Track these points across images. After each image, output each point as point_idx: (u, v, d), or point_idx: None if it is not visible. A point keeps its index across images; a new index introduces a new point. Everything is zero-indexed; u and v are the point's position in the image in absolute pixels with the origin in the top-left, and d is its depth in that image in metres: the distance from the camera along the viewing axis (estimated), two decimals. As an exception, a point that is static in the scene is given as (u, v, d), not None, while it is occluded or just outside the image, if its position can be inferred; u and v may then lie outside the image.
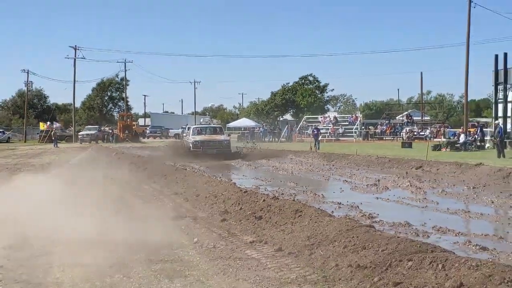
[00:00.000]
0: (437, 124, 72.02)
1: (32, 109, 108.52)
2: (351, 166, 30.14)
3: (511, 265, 7.21)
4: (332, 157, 34.76)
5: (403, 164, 28.91)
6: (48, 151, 49.62)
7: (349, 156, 33.95)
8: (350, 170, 27.89)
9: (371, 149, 40.18)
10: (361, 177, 24.04)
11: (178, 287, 7.42)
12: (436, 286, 6.59)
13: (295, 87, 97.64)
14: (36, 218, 11.65)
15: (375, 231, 9.44)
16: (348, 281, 7.49)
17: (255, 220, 11.83)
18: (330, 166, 30.31)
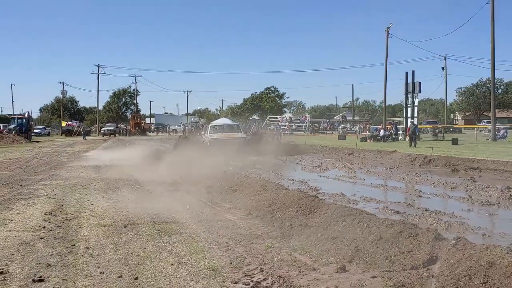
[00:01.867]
0: (364, 122, 72.42)
1: (66, 111, 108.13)
2: (301, 152, 30.18)
3: (416, 224, 7.31)
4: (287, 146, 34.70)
5: (339, 151, 29.03)
6: (78, 142, 49.05)
7: (300, 146, 33.96)
8: (301, 155, 27.91)
9: (316, 141, 40.25)
10: (309, 161, 24.09)
11: (175, 241, 7.39)
12: (362, 239, 6.65)
13: (261, 95, 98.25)
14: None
15: (319, 200, 9.48)
16: (299, 236, 7.52)
17: (232, 192, 11.80)
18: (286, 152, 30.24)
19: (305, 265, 6.06)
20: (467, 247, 5.53)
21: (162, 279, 5.63)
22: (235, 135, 30.15)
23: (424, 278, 5.25)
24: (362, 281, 5.39)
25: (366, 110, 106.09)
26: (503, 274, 4.76)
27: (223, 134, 29.97)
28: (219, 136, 29.38)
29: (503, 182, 14.28)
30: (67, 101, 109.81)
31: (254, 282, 5.46)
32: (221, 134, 30.09)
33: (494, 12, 38.95)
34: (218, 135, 29.70)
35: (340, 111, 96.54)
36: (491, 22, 39.18)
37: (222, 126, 32.39)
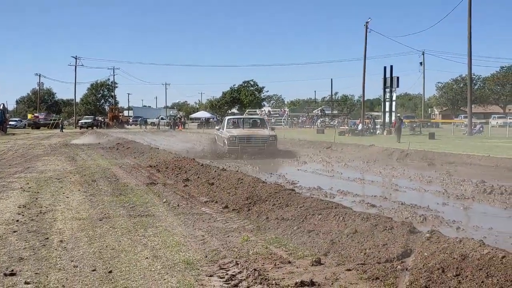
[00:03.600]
0: (342, 116, 72.79)
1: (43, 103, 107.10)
2: (279, 146, 30.21)
3: (391, 217, 7.36)
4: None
5: (317, 145, 29.09)
6: (55, 135, 48.55)
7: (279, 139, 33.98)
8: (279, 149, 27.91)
9: (295, 134, 40.32)
10: (287, 154, 24.09)
11: (150, 235, 7.35)
12: (338, 232, 6.68)
13: (240, 88, 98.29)
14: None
15: (295, 193, 9.50)
16: (275, 230, 7.52)
17: (209, 186, 11.76)
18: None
19: (280, 258, 6.06)
20: (440, 240, 5.58)
21: (136, 272, 5.59)
22: (261, 132, 23.43)
23: (398, 271, 5.28)
24: (336, 274, 5.41)
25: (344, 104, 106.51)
26: (475, 267, 4.81)
27: (245, 130, 23.45)
28: (241, 133, 22.79)
29: (478, 176, 14.46)
30: (44, 93, 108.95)
31: (229, 275, 5.45)
32: (243, 130, 23.57)
33: (471, 8, 39.36)
34: (239, 131, 23.13)
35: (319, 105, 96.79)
36: (468, 18, 39.58)
37: (244, 120, 26.12)
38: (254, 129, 23.86)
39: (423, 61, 75.35)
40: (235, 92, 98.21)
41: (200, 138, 37.01)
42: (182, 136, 45.75)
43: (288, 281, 5.23)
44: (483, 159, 18.29)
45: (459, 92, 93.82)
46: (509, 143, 28.09)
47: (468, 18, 39.51)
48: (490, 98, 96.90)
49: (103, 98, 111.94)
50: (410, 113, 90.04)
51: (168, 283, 5.24)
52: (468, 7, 39.38)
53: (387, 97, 45.49)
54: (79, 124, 74.80)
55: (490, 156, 18.80)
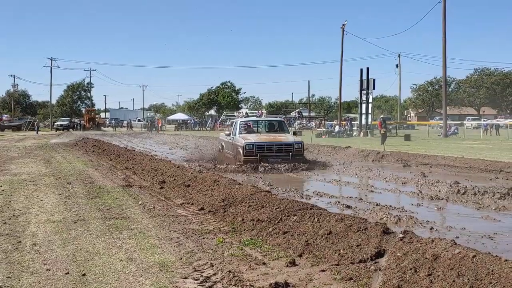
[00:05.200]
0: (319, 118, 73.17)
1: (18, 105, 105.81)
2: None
3: (366, 218, 7.41)
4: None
5: (295, 147, 29.10)
6: (30, 137, 47.98)
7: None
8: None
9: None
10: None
11: (125, 237, 7.30)
12: (313, 233, 6.71)
13: (218, 90, 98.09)
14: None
15: (271, 195, 9.52)
16: (250, 231, 7.53)
17: (185, 188, 11.73)
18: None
19: (255, 260, 6.07)
20: (413, 240, 5.64)
21: (110, 275, 5.55)
22: (283, 137, 19.00)
23: (372, 271, 5.33)
24: (311, 275, 5.44)
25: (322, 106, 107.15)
26: (446, 266, 4.88)
27: (264, 136, 18.94)
28: (259, 139, 18.33)
29: (452, 177, 14.63)
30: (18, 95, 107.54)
31: (204, 277, 5.44)
32: (261, 135, 19.05)
33: (445, 11, 39.85)
34: (257, 137, 18.67)
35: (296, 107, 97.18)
36: (443, 21, 40.06)
37: (260, 123, 21.34)
38: (274, 134, 19.36)
39: (399, 63, 76.09)
40: (212, 94, 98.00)
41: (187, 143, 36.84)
42: (170, 140, 45.53)
43: (262, 282, 5.24)
44: (457, 160, 18.51)
45: (434, 94, 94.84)
46: (483, 145, 28.49)
47: (442, 21, 40.00)
48: (465, 100, 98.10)
49: (80, 100, 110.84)
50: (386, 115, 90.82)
51: (142, 285, 5.22)
52: (443, 10, 39.87)
53: (363, 99, 45.84)
54: (54, 126, 74.08)
55: (464, 157, 19.05)
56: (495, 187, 12.21)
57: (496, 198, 10.73)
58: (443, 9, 39.79)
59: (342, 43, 51.31)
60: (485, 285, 4.45)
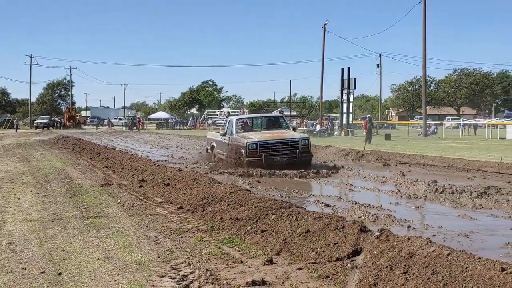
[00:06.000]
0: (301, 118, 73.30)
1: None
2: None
3: (344, 216, 7.45)
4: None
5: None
6: (9, 135, 47.47)
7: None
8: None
9: (253, 135, 40.29)
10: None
11: (103, 236, 7.26)
12: (291, 232, 6.73)
13: (199, 89, 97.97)
14: None
15: (250, 194, 9.53)
16: (229, 230, 7.53)
17: (164, 186, 11.69)
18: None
19: (233, 258, 6.07)
20: (390, 238, 5.68)
21: (86, 273, 5.52)
22: (287, 134, 17.35)
23: (348, 269, 5.36)
24: (288, 273, 5.45)
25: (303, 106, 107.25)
26: (422, 264, 4.92)
27: (267, 134, 17.17)
28: (263, 137, 16.64)
29: (430, 176, 14.74)
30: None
31: (181, 275, 5.43)
32: (264, 133, 17.33)
33: (426, 11, 40.18)
34: (259, 135, 17.00)
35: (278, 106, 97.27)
36: (423, 21, 40.39)
37: (257, 120, 19.98)
38: (276, 131, 17.66)
39: (380, 63, 76.59)
40: (194, 93, 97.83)
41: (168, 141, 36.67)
42: (151, 139, 45.30)
43: (239, 280, 5.24)
44: (436, 159, 18.66)
45: (414, 94, 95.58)
46: (461, 144, 28.77)
47: (423, 21, 40.33)
48: (444, 100, 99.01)
49: (60, 98, 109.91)
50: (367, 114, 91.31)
51: (119, 284, 5.19)
52: (423, 10, 40.20)
53: (344, 98, 46.03)
54: (34, 124, 73.25)
55: (442, 156, 19.21)
56: (472, 186, 12.32)
57: (473, 197, 10.83)
58: (423, 9, 40.13)
59: (324, 43, 51.49)
60: (459, 282, 4.50)
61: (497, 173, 15.47)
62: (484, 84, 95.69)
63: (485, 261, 4.66)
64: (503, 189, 11.90)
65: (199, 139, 39.12)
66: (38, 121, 74.66)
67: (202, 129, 66.89)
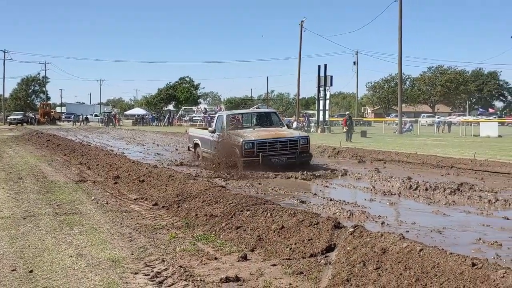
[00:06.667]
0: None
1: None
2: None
3: (318, 213, 7.48)
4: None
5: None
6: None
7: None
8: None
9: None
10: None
11: (76, 233, 7.19)
12: (266, 228, 6.74)
13: (176, 85, 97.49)
14: None
15: (225, 190, 9.51)
16: (204, 226, 7.51)
17: (139, 183, 11.62)
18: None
19: (207, 255, 6.06)
20: (363, 234, 5.71)
21: (58, 271, 5.45)
22: (285, 133, 16.15)
23: (322, 265, 5.38)
24: (262, 269, 5.46)
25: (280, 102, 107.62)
26: (394, 260, 4.96)
27: (263, 132, 15.76)
28: (260, 136, 15.26)
29: (405, 173, 14.87)
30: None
31: (155, 272, 5.40)
32: (259, 131, 15.84)
33: (401, 9, 40.50)
34: (255, 133, 15.55)
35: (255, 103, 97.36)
36: (399, 19, 40.72)
37: (249, 116, 18.54)
38: (272, 129, 16.32)
39: (356, 60, 77.06)
40: (171, 89, 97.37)
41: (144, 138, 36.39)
42: (127, 135, 44.93)
43: (213, 277, 5.23)
44: (411, 156, 18.83)
45: (390, 91, 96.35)
46: (436, 141, 29.10)
47: (399, 19, 40.65)
48: (420, 97, 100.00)
49: (34, 94, 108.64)
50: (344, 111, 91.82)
51: (91, 281, 5.14)
52: (399, 8, 40.51)
53: (321, 95, 46.18)
54: (8, 120, 72.21)
55: (417, 153, 19.39)
56: (446, 182, 12.46)
57: (447, 193, 10.95)
58: (399, 7, 40.44)
59: (301, 40, 51.70)
60: (431, 278, 4.54)
61: (470, 170, 15.67)
62: (459, 82, 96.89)
63: (457, 256, 4.72)
64: (475, 185, 12.07)
65: (176, 135, 39.03)
66: (11, 117, 73.69)
67: (178, 125, 66.66)
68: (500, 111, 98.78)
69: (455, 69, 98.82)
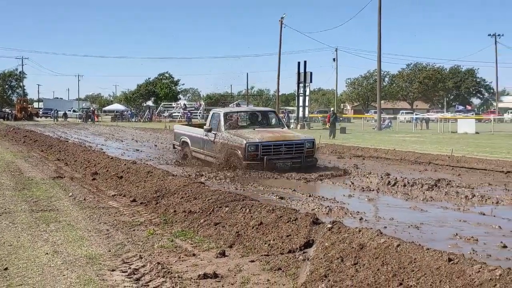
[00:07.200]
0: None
1: None
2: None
3: (296, 209, 7.48)
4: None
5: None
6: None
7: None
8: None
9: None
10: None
11: (52, 230, 7.11)
12: (244, 224, 6.72)
13: (155, 81, 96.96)
14: None
15: (204, 186, 9.47)
16: (182, 223, 7.48)
17: (118, 179, 11.52)
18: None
19: (185, 251, 6.03)
20: (341, 230, 5.72)
21: (34, 268, 5.38)
22: (289, 134, 15.59)
23: (300, 261, 5.38)
24: (240, 266, 5.44)
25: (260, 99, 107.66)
26: (372, 256, 4.97)
27: (267, 133, 14.63)
28: (264, 137, 14.12)
29: (383, 169, 14.96)
30: None
31: (132, 269, 5.36)
32: (261, 132, 14.68)
33: (381, 6, 40.73)
34: (259, 134, 14.36)
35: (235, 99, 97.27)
36: (378, 16, 40.95)
37: (246, 115, 17.31)
38: (274, 130, 15.33)
39: (336, 57, 77.31)
40: (150, 85, 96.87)
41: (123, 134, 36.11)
42: (105, 131, 44.58)
43: (191, 273, 5.21)
44: (389, 152, 18.97)
45: (369, 88, 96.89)
46: (414, 138, 29.35)
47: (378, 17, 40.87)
48: (398, 94, 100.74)
49: (11, 89, 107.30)
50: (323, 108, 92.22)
51: (67, 278, 5.08)
52: (378, 6, 40.73)
53: (301, 92, 46.33)
54: (-17, 116, 71.42)
55: (395, 149, 19.55)
56: (423, 178, 12.56)
57: (424, 189, 11.04)
58: (378, 4, 40.65)
59: (281, 36, 51.85)
60: (408, 273, 4.56)
61: (448, 166, 15.83)
62: (437, 79, 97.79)
63: (433, 252, 4.75)
64: (453, 181, 12.20)
65: (156, 131, 38.87)
66: (-14, 112, 72.84)
67: (158, 121, 66.40)
68: (477, 108, 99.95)
69: (433, 66, 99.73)
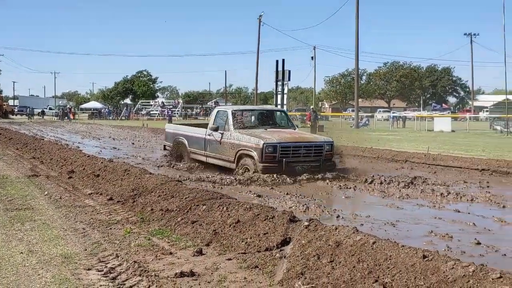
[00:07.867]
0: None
1: None
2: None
3: (273, 207, 7.50)
4: (158, 131, 34.11)
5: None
6: None
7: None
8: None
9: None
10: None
11: (27, 229, 7.02)
12: (221, 222, 6.72)
13: (133, 79, 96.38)
14: None
15: (182, 184, 9.44)
16: (159, 221, 7.45)
17: (94, 177, 11.42)
18: (156, 137, 29.58)
19: (162, 250, 6.01)
20: (318, 228, 5.75)
21: (8, 268, 5.32)
22: (307, 135, 15.36)
23: (277, 259, 5.40)
24: (217, 264, 5.44)
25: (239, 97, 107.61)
26: (348, 253, 5.01)
27: (285, 134, 13.44)
28: (283, 138, 12.91)
29: (361, 166, 15.05)
30: None
31: (108, 268, 5.33)
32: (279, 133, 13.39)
33: (358, 5, 40.98)
34: (277, 135, 13.08)
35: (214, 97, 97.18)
36: (356, 15, 41.21)
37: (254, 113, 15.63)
38: (287, 130, 14.15)
39: (314, 55, 77.51)
40: (128, 83, 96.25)
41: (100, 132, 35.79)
42: (82, 129, 44.16)
43: (168, 272, 5.19)
44: (366, 150, 19.11)
45: (347, 86, 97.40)
46: (391, 136, 29.61)
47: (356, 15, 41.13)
48: (376, 92, 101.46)
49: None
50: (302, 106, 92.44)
51: (42, 278, 5.03)
52: (356, 4, 40.98)
53: (279, 90, 46.32)
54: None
55: (372, 147, 19.69)
56: (400, 176, 12.69)
57: (401, 187, 11.16)
58: (356, 3, 40.90)
59: (259, 34, 51.93)
60: (383, 270, 4.61)
61: (424, 163, 16.01)
62: (414, 78, 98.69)
63: (408, 249, 4.80)
64: (428, 179, 12.35)
65: (133, 129, 38.67)
66: (-42, 111, 71.48)
67: (135, 119, 66.01)
68: (453, 107, 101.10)
69: (410, 65, 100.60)
